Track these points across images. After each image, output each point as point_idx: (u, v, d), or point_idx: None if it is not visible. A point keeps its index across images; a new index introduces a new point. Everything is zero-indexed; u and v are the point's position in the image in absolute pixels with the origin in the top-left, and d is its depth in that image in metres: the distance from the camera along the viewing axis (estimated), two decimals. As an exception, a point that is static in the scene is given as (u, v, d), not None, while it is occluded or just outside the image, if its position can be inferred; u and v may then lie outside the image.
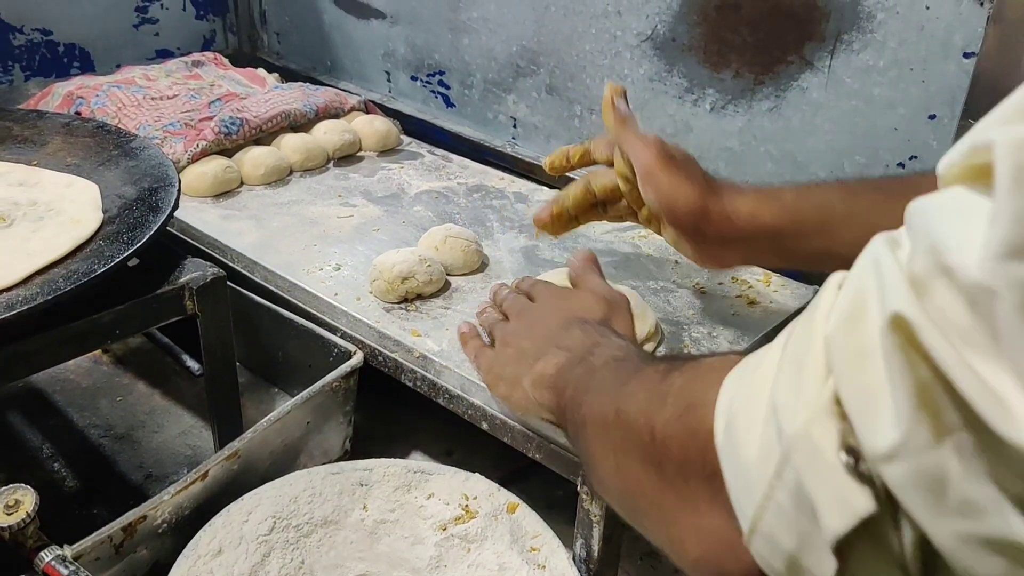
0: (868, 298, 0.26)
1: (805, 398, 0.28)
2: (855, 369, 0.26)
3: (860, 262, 0.28)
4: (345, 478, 0.68)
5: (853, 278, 0.28)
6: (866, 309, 0.26)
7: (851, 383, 0.26)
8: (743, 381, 0.34)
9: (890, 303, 0.25)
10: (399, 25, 1.35)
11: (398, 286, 0.81)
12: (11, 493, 0.55)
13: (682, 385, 0.40)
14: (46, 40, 1.33)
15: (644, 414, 0.41)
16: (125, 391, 0.91)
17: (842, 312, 0.27)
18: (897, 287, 0.25)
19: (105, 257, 0.66)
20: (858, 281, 0.28)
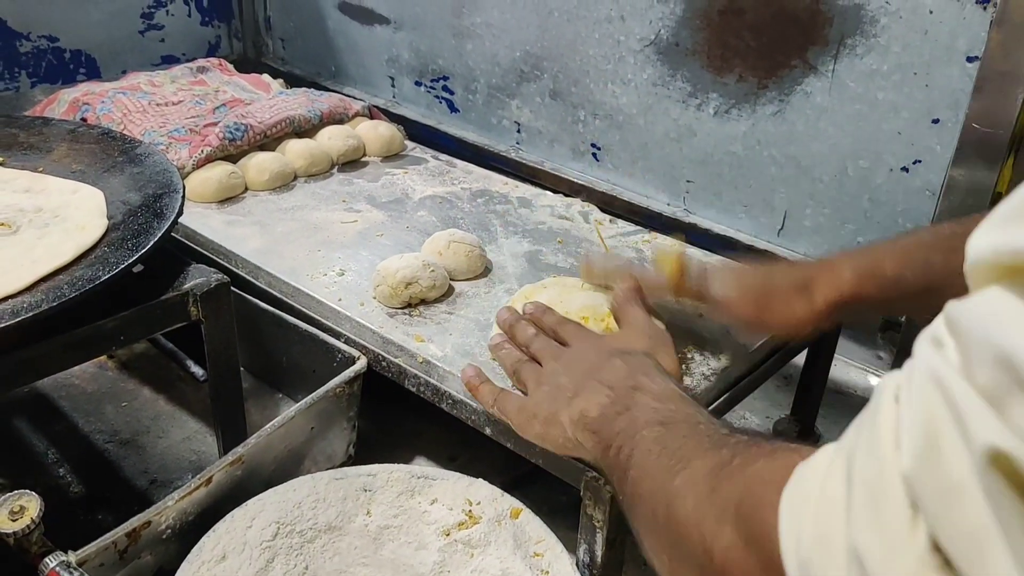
0: (943, 427, 0.25)
1: (893, 543, 0.26)
2: (950, 510, 0.24)
3: (916, 377, 0.26)
4: (349, 483, 0.68)
5: (917, 401, 0.26)
6: (944, 439, 0.24)
7: (950, 527, 0.24)
8: (806, 511, 0.32)
9: (980, 436, 0.23)
10: (403, 31, 1.35)
11: (402, 291, 0.81)
12: (16, 499, 0.55)
13: (738, 504, 0.38)
14: (52, 47, 1.34)
15: (698, 528, 0.40)
16: (130, 397, 0.92)
17: (917, 445, 0.26)
18: (979, 414, 0.23)
19: (110, 264, 0.66)
20: (924, 406, 0.26)
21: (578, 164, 1.21)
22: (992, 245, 0.24)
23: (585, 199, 1.11)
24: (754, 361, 0.79)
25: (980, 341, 0.24)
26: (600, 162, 1.18)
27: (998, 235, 0.24)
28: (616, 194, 1.14)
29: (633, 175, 1.15)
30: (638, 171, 1.14)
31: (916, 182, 0.91)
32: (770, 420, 0.93)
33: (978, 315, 0.24)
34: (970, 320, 0.25)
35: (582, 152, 1.20)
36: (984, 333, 0.24)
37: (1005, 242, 0.24)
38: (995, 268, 0.24)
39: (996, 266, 0.24)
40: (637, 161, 1.14)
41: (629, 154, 1.14)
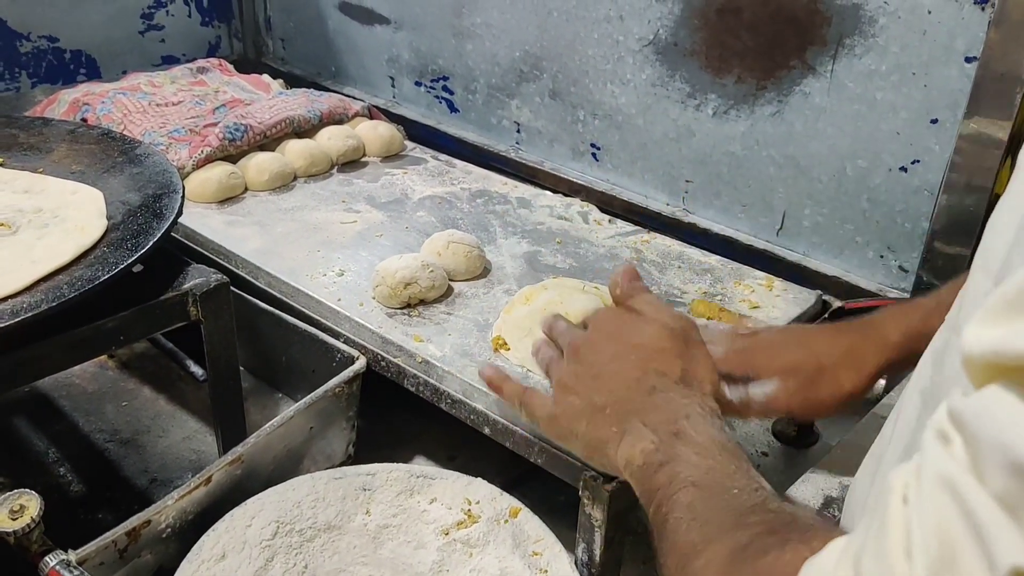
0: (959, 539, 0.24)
1: None
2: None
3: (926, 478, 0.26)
4: (348, 483, 0.68)
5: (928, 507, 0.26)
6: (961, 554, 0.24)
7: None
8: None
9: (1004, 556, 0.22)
10: (403, 31, 1.36)
11: (401, 291, 0.81)
12: (16, 498, 0.55)
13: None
14: (53, 47, 1.34)
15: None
16: (130, 396, 0.92)
17: (931, 557, 0.25)
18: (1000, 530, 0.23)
19: (109, 264, 0.66)
20: (937, 513, 0.25)
21: (577, 164, 1.21)
22: (993, 343, 0.24)
23: (584, 199, 1.11)
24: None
25: (990, 444, 0.23)
26: (599, 162, 1.18)
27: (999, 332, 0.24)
28: (615, 194, 1.15)
29: (632, 175, 1.15)
30: (637, 171, 1.14)
31: (915, 182, 0.91)
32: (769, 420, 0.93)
33: (985, 416, 0.24)
34: (977, 420, 0.24)
35: (581, 152, 1.20)
36: (993, 436, 0.23)
37: (1006, 341, 0.23)
38: (996, 366, 0.24)
39: (996, 365, 0.24)
40: (636, 161, 1.14)
41: (628, 154, 1.15)
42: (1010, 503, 0.22)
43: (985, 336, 0.24)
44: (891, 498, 0.27)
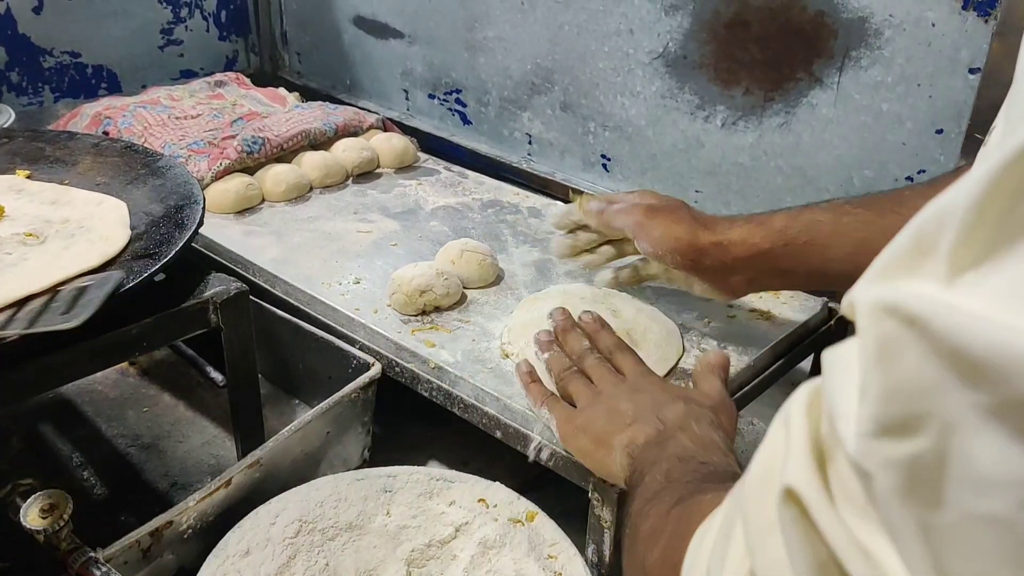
0: (774, 465, 0.26)
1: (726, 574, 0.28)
2: (762, 544, 0.25)
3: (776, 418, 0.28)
4: (370, 484, 0.70)
5: (768, 438, 0.28)
6: (771, 478, 0.26)
7: (760, 560, 0.26)
8: (699, 542, 0.34)
9: (786, 474, 0.24)
10: (417, 45, 1.38)
11: (416, 299, 0.83)
12: (46, 498, 0.57)
13: (671, 530, 0.42)
14: (75, 62, 1.37)
15: (645, 545, 0.44)
16: (151, 402, 0.94)
17: (755, 481, 0.27)
18: (798, 456, 0.24)
19: (134, 272, 0.68)
20: (771, 444, 0.27)
21: (588, 175, 1.23)
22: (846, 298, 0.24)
23: (595, 209, 1.13)
24: (760, 366, 0.80)
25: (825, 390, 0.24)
26: (610, 173, 1.20)
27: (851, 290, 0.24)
28: (625, 204, 1.16)
29: (642, 185, 1.17)
30: (647, 181, 1.16)
31: (921, 191, 0.92)
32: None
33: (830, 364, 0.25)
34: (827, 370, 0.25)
35: (592, 163, 1.22)
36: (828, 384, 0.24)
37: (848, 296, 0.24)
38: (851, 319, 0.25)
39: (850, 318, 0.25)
40: (646, 172, 1.16)
41: (638, 165, 1.16)
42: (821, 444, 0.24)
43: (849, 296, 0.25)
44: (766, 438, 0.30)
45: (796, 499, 0.24)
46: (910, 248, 0.22)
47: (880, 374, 0.21)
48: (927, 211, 0.22)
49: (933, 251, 0.21)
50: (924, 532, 0.20)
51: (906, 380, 0.20)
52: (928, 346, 0.19)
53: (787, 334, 0.83)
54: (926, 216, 0.22)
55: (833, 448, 0.23)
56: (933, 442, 0.19)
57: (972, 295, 0.19)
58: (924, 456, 0.20)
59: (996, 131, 0.24)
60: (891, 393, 0.20)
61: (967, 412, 0.19)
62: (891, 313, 0.21)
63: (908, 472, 0.20)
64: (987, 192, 0.20)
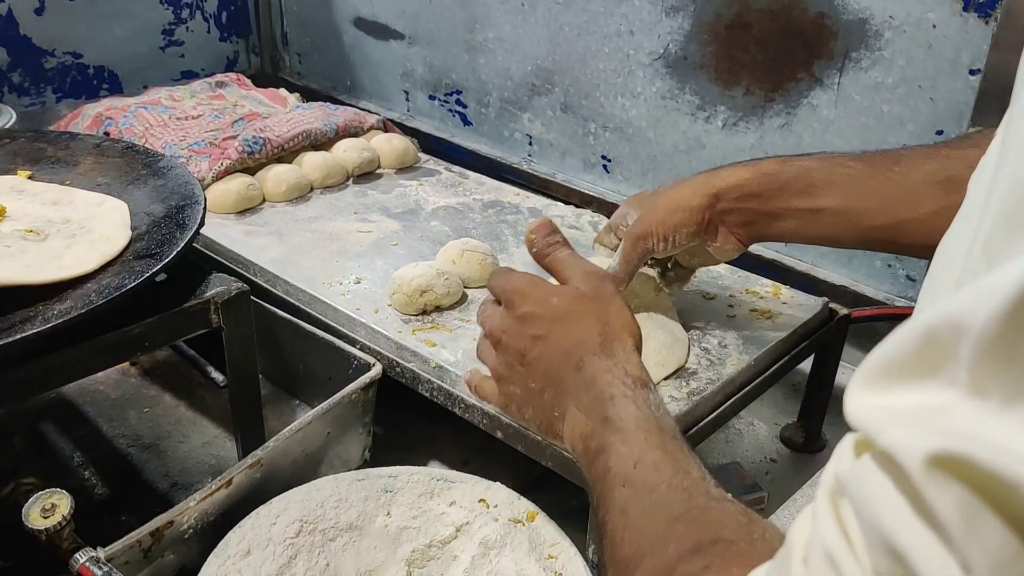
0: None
1: None
2: None
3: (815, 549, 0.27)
4: (370, 485, 0.70)
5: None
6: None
7: None
8: None
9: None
10: (417, 46, 1.38)
11: (417, 299, 0.83)
12: (48, 497, 0.57)
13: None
14: (77, 63, 1.38)
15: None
16: (152, 403, 0.94)
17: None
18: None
19: (136, 272, 0.69)
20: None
21: (588, 176, 1.23)
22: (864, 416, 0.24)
23: (595, 210, 1.13)
24: (760, 367, 0.80)
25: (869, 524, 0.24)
26: (610, 174, 1.20)
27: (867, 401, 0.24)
28: (626, 205, 1.16)
29: (643, 186, 1.17)
30: (648, 182, 1.16)
31: (921, 192, 0.92)
32: (778, 427, 0.94)
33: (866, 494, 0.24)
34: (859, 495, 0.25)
35: (592, 164, 1.22)
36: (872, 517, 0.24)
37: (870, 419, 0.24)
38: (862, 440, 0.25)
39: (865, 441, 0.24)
40: (647, 173, 1.16)
41: (639, 166, 1.16)
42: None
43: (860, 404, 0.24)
44: (793, 555, 0.28)
45: None
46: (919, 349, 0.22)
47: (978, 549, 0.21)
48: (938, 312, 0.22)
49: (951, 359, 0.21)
50: None
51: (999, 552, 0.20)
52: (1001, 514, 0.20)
53: (788, 334, 0.83)
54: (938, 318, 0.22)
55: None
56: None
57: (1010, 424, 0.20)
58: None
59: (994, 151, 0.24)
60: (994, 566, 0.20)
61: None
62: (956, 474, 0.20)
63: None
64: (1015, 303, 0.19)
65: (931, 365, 0.22)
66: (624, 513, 0.48)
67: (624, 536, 0.47)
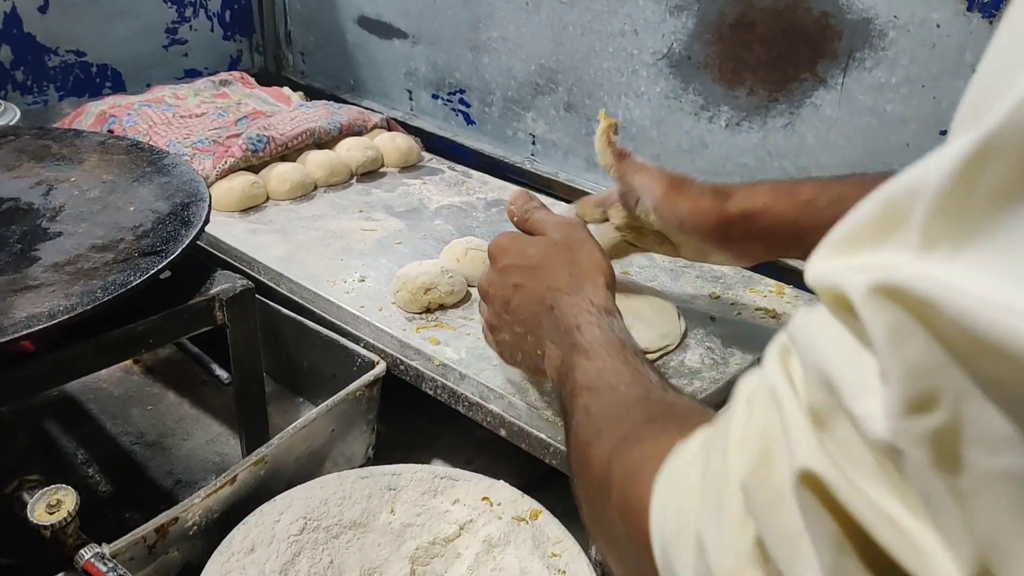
0: (774, 444, 0.27)
1: (728, 539, 0.29)
2: (772, 514, 0.26)
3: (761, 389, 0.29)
4: (374, 482, 0.70)
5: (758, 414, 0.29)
6: (773, 455, 0.27)
7: (770, 528, 0.27)
8: (670, 497, 0.35)
9: (798, 456, 0.25)
10: (421, 45, 1.38)
11: (421, 297, 0.83)
12: (53, 493, 0.58)
13: (621, 480, 0.41)
14: (80, 61, 1.38)
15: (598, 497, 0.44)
16: (155, 400, 0.94)
17: (751, 457, 0.28)
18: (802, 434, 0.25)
19: (141, 269, 0.69)
20: (762, 420, 0.28)
21: (592, 175, 1.23)
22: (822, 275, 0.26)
23: (599, 209, 1.13)
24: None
25: (810, 362, 0.26)
26: (613, 173, 1.20)
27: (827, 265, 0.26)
28: (629, 204, 1.16)
29: (646, 186, 1.17)
30: (651, 182, 1.16)
31: (925, 192, 0.92)
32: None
33: (810, 336, 0.26)
34: (804, 339, 0.27)
35: (596, 163, 1.21)
36: (813, 355, 0.26)
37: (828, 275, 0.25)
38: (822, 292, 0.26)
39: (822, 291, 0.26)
40: (650, 172, 1.16)
41: (642, 165, 1.16)
42: (816, 411, 0.25)
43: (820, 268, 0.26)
44: (737, 401, 0.31)
45: (814, 481, 0.25)
46: (878, 217, 0.24)
47: (897, 359, 0.22)
48: (897, 182, 0.23)
49: (905, 222, 0.23)
50: (954, 496, 0.21)
51: (919, 361, 0.21)
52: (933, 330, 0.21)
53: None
54: (896, 186, 0.23)
55: (829, 418, 0.25)
56: (950, 413, 0.21)
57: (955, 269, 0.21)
58: (945, 427, 0.21)
59: (964, 106, 0.25)
60: (910, 375, 0.22)
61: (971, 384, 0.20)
62: (894, 297, 0.22)
63: (934, 444, 0.21)
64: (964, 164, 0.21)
65: (887, 230, 0.23)
66: (586, 410, 0.51)
67: (585, 424, 0.50)
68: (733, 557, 0.28)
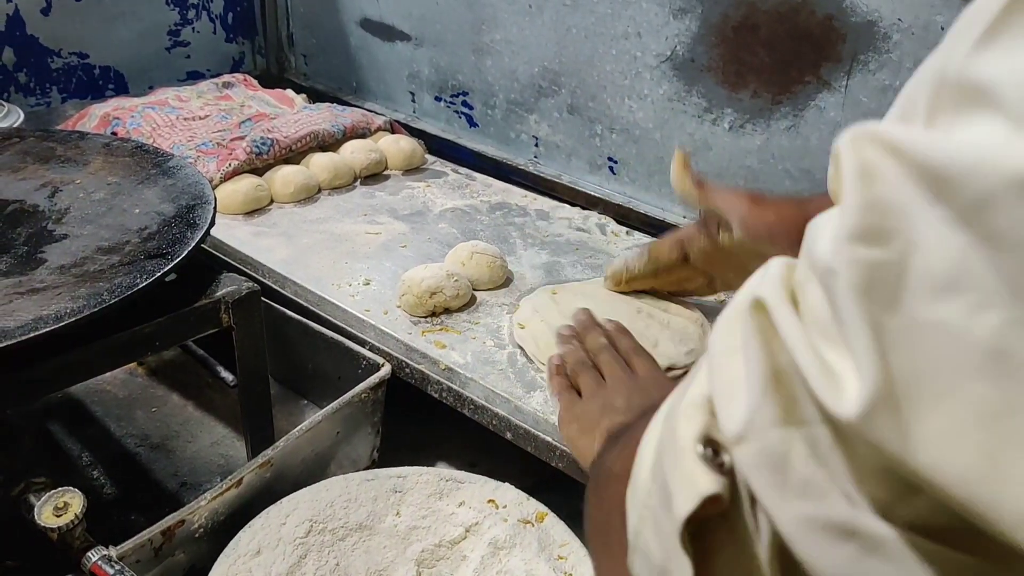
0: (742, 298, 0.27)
1: (686, 400, 0.28)
2: (724, 365, 0.26)
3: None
4: (380, 485, 0.70)
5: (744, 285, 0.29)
6: (740, 306, 0.27)
7: (718, 378, 0.27)
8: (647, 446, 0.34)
9: (757, 289, 0.26)
10: (424, 47, 1.38)
11: (427, 300, 0.83)
12: (60, 496, 0.58)
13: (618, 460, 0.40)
14: (82, 63, 1.38)
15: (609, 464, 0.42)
16: (160, 402, 0.94)
17: (725, 315, 0.28)
18: (772, 278, 0.26)
19: (147, 272, 0.69)
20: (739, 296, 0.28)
21: (595, 177, 1.23)
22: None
23: (602, 212, 1.13)
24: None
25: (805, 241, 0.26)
26: (617, 175, 1.20)
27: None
28: (632, 207, 1.16)
29: (649, 188, 1.17)
30: (654, 184, 1.16)
31: (929, 195, 0.92)
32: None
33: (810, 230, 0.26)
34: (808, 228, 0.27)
35: (599, 166, 1.22)
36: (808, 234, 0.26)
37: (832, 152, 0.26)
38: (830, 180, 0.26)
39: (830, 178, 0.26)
40: (653, 174, 1.16)
41: (645, 167, 1.17)
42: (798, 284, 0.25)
43: None
44: None
45: (762, 307, 0.25)
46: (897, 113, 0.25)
47: (859, 190, 0.22)
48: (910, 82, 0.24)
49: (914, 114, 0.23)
50: (875, 330, 0.21)
51: (882, 197, 0.22)
52: (904, 168, 0.21)
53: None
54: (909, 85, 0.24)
55: (806, 283, 0.25)
56: (898, 253, 0.21)
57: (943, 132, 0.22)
58: (888, 262, 0.21)
59: None
60: (868, 206, 0.22)
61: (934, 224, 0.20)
62: (873, 141, 0.22)
63: (870, 272, 0.22)
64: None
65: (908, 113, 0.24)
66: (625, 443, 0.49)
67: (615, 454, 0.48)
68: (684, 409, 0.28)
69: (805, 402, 0.23)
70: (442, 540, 0.68)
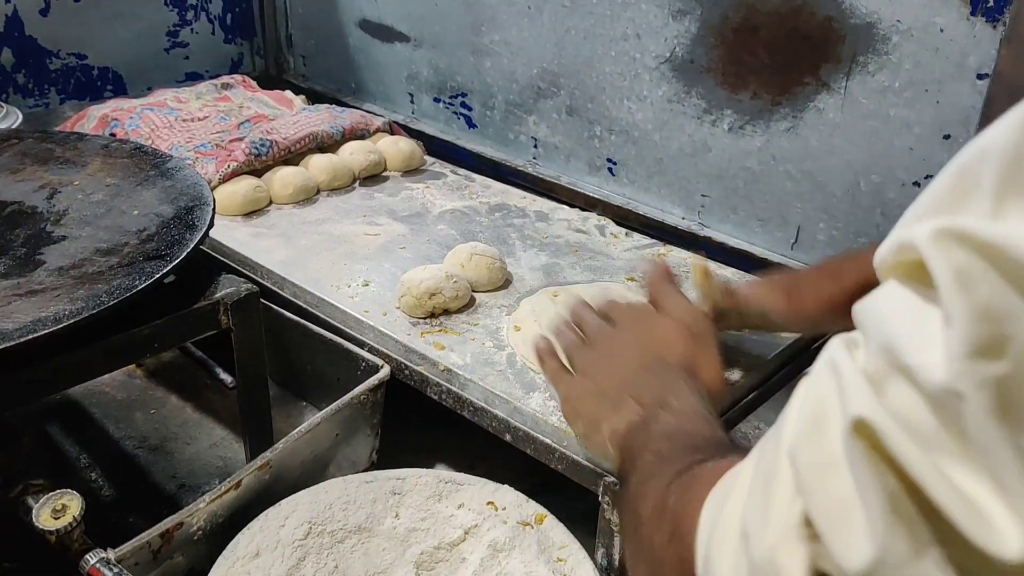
0: (828, 405, 0.26)
1: (773, 519, 0.27)
2: (821, 483, 0.25)
3: (817, 367, 0.28)
4: (379, 486, 0.70)
5: (811, 384, 0.28)
6: (827, 416, 0.26)
7: (819, 499, 0.25)
8: (720, 504, 0.33)
9: (851, 407, 0.24)
10: (422, 48, 1.38)
11: (426, 302, 0.83)
12: (58, 498, 0.57)
13: (675, 503, 0.40)
14: (81, 64, 1.37)
15: (650, 526, 0.42)
16: (158, 404, 0.94)
17: (803, 423, 0.27)
18: (857, 389, 0.24)
19: (146, 273, 0.69)
20: (816, 387, 0.27)
21: (594, 179, 1.23)
22: (889, 243, 0.25)
23: (601, 213, 1.13)
24: (768, 372, 0.80)
25: (871, 332, 0.25)
26: (616, 177, 1.20)
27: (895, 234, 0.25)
28: (631, 208, 1.16)
29: (648, 190, 1.17)
30: (653, 186, 1.16)
31: (928, 196, 0.92)
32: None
33: (872, 308, 0.26)
34: (865, 314, 0.26)
35: (598, 167, 1.22)
36: (874, 324, 0.25)
37: (896, 238, 0.25)
38: (891, 265, 0.25)
39: (892, 263, 0.25)
40: (652, 176, 1.16)
41: (644, 169, 1.16)
42: (872, 375, 0.24)
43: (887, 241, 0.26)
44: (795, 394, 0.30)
45: (867, 430, 0.23)
46: (951, 189, 0.23)
47: (963, 299, 0.21)
48: (965, 153, 0.23)
49: (976, 189, 0.22)
50: (1017, 452, 0.20)
51: (988, 304, 0.21)
52: (1001, 273, 0.20)
53: (794, 339, 0.83)
54: (966, 158, 0.23)
55: (886, 380, 0.23)
56: (1016, 364, 0.20)
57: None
58: (1011, 376, 0.20)
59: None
60: (978, 315, 0.21)
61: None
62: (960, 241, 0.21)
63: (1000, 391, 0.20)
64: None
65: (960, 200, 0.23)
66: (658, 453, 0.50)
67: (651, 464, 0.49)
68: (775, 534, 0.27)
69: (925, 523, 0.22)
70: (441, 542, 0.68)
